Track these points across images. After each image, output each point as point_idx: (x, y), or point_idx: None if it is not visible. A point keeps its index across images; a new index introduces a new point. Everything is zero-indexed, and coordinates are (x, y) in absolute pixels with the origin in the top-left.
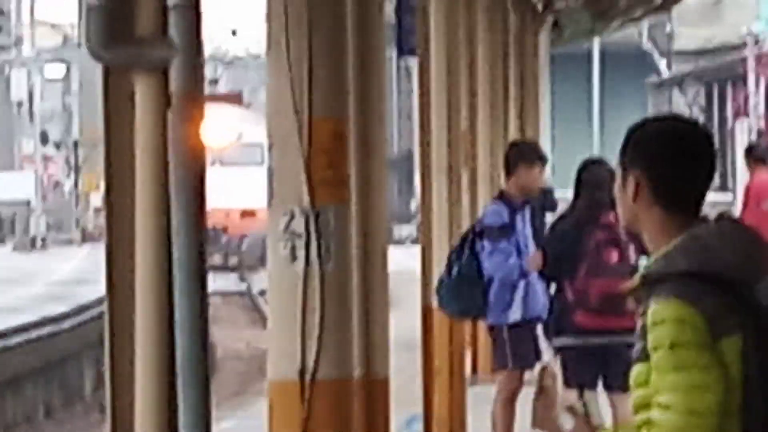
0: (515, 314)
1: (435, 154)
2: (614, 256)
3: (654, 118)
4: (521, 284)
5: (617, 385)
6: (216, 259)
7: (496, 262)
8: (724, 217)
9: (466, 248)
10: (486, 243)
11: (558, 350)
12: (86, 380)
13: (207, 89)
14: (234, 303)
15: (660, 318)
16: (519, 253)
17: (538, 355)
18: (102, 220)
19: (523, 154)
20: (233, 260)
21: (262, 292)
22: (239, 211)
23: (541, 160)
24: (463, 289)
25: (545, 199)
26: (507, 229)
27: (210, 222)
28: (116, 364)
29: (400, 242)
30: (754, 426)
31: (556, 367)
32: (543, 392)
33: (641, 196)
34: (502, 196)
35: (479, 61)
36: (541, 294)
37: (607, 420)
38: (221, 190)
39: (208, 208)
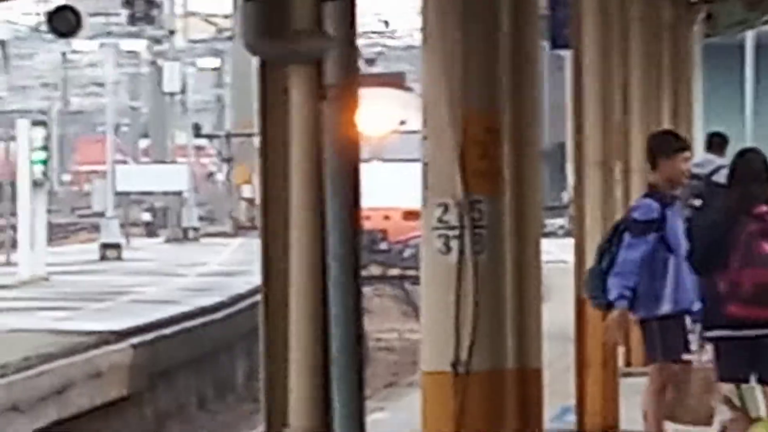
0: (666, 307)
1: (588, 146)
2: (766, 247)
3: None
4: (670, 275)
5: None
6: (373, 270)
7: (629, 256)
8: None
9: (617, 239)
10: (627, 237)
11: (710, 342)
12: (238, 371)
13: (363, 69)
14: (385, 294)
15: None
16: (669, 248)
17: (687, 347)
18: (254, 211)
19: (661, 146)
20: (394, 271)
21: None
22: (401, 211)
23: (683, 149)
24: (595, 282)
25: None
26: (655, 224)
27: (367, 225)
28: (271, 356)
29: (552, 234)
30: None
31: (701, 360)
32: (681, 388)
33: None
34: (652, 192)
35: (632, 53)
36: (691, 286)
37: (763, 412)
38: (380, 188)
39: (365, 209)
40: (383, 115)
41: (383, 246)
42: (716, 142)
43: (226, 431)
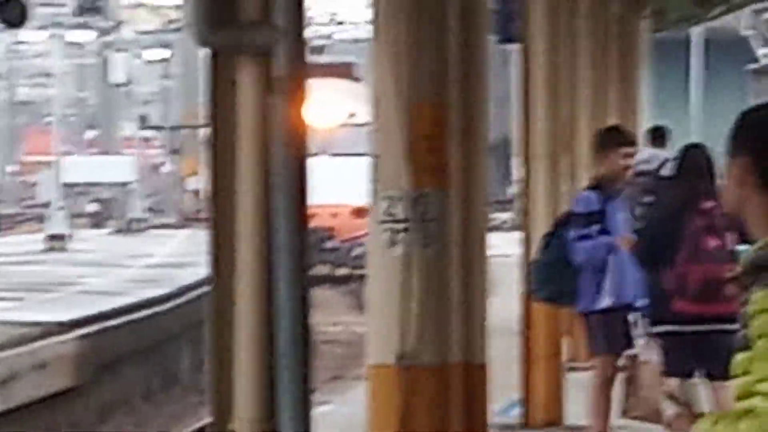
0: (606, 301)
1: (536, 140)
2: (712, 242)
3: (764, 104)
4: (611, 270)
5: (718, 373)
6: (321, 270)
7: (580, 247)
8: None
9: (558, 234)
10: (572, 231)
11: (657, 338)
12: (185, 363)
13: (311, 59)
14: (332, 288)
15: (764, 306)
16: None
17: (629, 342)
18: (200, 203)
19: (603, 140)
20: (342, 271)
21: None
22: (350, 208)
23: (621, 143)
24: (554, 274)
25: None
26: (595, 216)
27: (314, 223)
28: (217, 347)
29: (498, 228)
30: None
31: (647, 355)
32: (631, 381)
33: (747, 182)
34: (594, 185)
35: (580, 47)
36: (633, 281)
37: (708, 407)
38: (328, 184)
39: (312, 206)
40: (332, 107)
41: (331, 245)
42: (658, 136)
43: (173, 423)
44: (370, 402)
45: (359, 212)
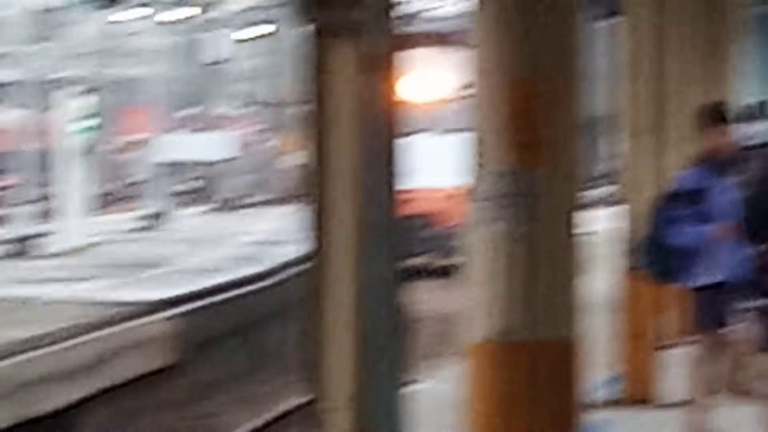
0: (709, 277)
1: (639, 115)
2: None
3: None
4: (722, 244)
5: None
6: (420, 260)
7: (678, 232)
8: None
9: (663, 212)
10: (672, 210)
11: (758, 312)
12: (281, 342)
13: (416, 27)
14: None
15: None
16: (710, 219)
17: (732, 318)
18: (298, 181)
19: (707, 117)
20: (442, 261)
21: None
22: (449, 192)
23: (725, 120)
24: (666, 249)
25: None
26: (700, 194)
27: (409, 209)
28: (316, 326)
29: (590, 205)
30: None
31: (748, 332)
32: (732, 357)
33: None
34: (700, 160)
35: (685, 21)
36: (736, 257)
37: None
38: (428, 165)
39: (409, 190)
40: (441, 79)
41: (429, 233)
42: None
43: (270, 401)
44: (467, 379)
45: (459, 197)
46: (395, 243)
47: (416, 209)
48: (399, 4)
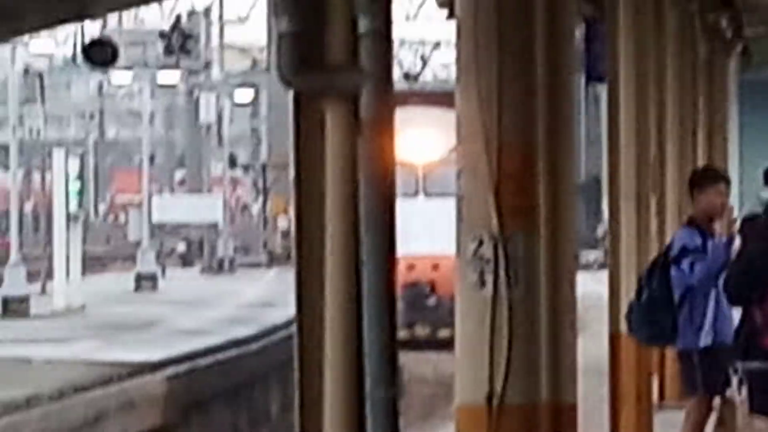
0: (706, 338)
1: (624, 180)
2: None
3: None
4: (711, 307)
5: None
6: (420, 330)
7: (673, 292)
8: None
9: (657, 273)
10: (685, 262)
11: (745, 375)
12: (273, 402)
13: (406, 86)
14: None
15: None
16: (701, 281)
17: (727, 382)
18: (289, 243)
19: (696, 179)
20: (444, 332)
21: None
22: (453, 260)
23: (716, 180)
24: (654, 314)
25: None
26: (698, 253)
27: (411, 276)
28: (305, 387)
29: (587, 267)
30: None
31: (739, 397)
32: (722, 424)
33: None
34: (690, 222)
35: (668, 87)
36: (731, 319)
37: None
38: (428, 230)
39: (409, 257)
40: (429, 141)
41: (432, 301)
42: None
43: None
44: None
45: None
46: (394, 307)
47: (418, 276)
48: (393, 66)
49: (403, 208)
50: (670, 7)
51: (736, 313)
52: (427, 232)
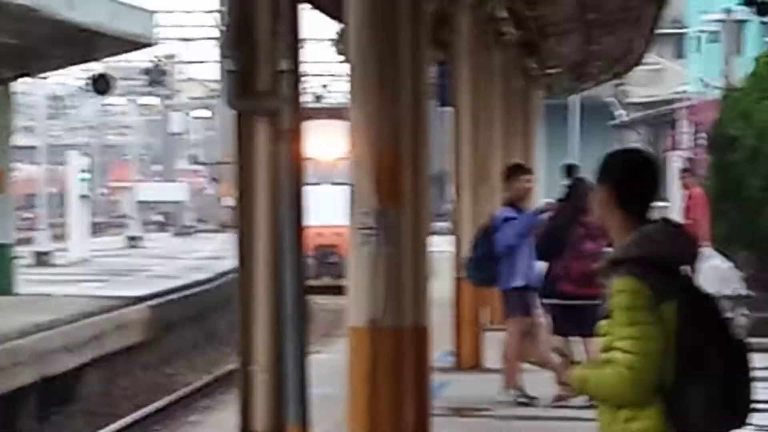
0: (518, 281)
1: (463, 173)
2: (589, 245)
3: (620, 149)
4: (520, 260)
5: (589, 333)
6: (326, 280)
7: (512, 233)
8: (664, 219)
9: (485, 237)
10: (506, 227)
11: (548, 308)
12: (221, 325)
13: (312, 104)
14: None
15: (620, 288)
16: (516, 242)
17: (531, 310)
18: (233, 215)
19: (512, 172)
20: (343, 281)
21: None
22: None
23: (524, 172)
24: (483, 265)
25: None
26: (514, 221)
27: (320, 241)
28: (244, 314)
29: (436, 233)
30: (684, 362)
31: (542, 320)
32: (530, 337)
33: (609, 202)
34: (508, 203)
35: (495, 109)
36: (536, 268)
37: (581, 358)
38: (330, 208)
39: (319, 226)
40: (332, 143)
41: (334, 259)
42: (572, 170)
43: (213, 365)
44: (348, 353)
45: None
46: (302, 257)
47: (324, 241)
48: (304, 93)
49: (315, 191)
50: (496, 54)
51: (542, 266)
52: (332, 209)
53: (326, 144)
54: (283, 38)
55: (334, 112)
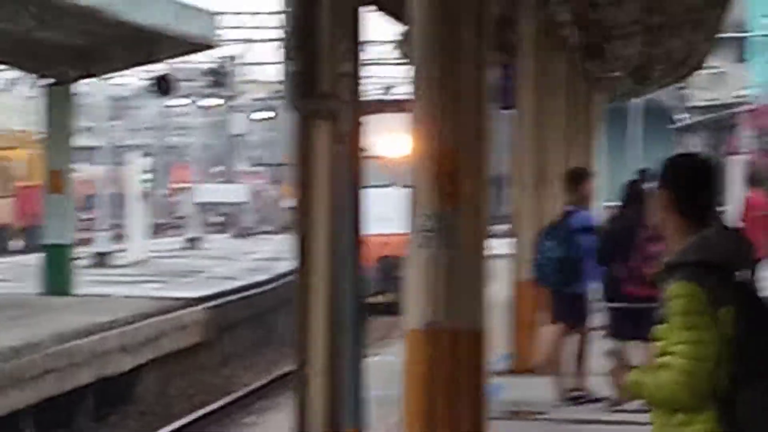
0: (578, 288)
1: (525, 175)
2: (654, 248)
3: (680, 153)
4: (586, 266)
5: (646, 337)
6: (391, 297)
7: (588, 246)
8: (721, 224)
9: (550, 239)
10: (584, 237)
11: (610, 311)
12: (279, 325)
13: (381, 95)
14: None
15: (676, 293)
16: (578, 246)
17: (585, 315)
18: (292, 217)
19: (577, 176)
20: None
21: None
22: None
23: (591, 176)
24: (547, 268)
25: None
26: (592, 231)
27: (385, 251)
28: (301, 316)
29: (496, 236)
30: (741, 367)
31: (599, 324)
32: (581, 341)
33: (668, 207)
34: (579, 206)
35: (558, 112)
36: (595, 274)
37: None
38: (396, 213)
39: (384, 234)
40: (401, 139)
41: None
42: (647, 175)
43: (270, 367)
44: (405, 356)
45: None
46: (359, 263)
47: (390, 251)
48: (365, 95)
49: (381, 195)
50: (560, 57)
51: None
52: (398, 215)
53: (394, 140)
54: (345, 40)
55: (403, 105)
